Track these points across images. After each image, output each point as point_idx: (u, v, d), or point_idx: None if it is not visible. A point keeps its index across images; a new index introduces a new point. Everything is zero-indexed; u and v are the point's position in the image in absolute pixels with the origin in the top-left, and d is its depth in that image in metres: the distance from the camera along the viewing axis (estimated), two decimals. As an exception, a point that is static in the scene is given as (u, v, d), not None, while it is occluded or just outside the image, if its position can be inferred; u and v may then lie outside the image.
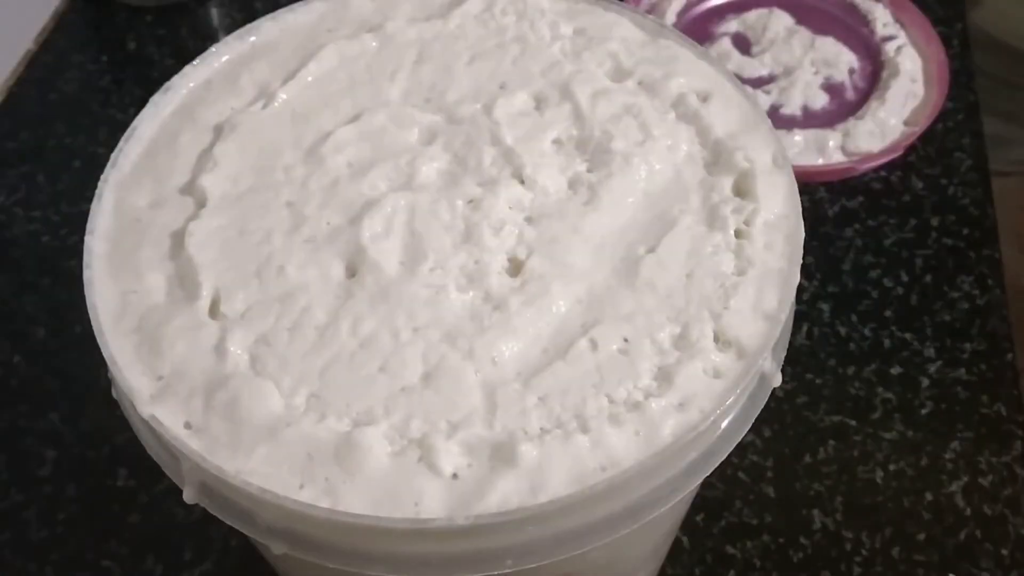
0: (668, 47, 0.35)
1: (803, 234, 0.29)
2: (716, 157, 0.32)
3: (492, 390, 0.27)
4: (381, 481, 0.25)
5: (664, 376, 0.27)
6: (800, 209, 0.30)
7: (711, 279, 0.29)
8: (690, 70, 0.34)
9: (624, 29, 0.35)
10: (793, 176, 0.31)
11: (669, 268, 0.29)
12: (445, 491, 0.25)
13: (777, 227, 0.30)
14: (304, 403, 0.27)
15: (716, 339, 0.28)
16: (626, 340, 0.28)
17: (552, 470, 0.25)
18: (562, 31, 0.35)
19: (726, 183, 0.31)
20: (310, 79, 0.34)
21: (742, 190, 0.31)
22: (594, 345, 0.28)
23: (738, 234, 0.30)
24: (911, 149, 0.54)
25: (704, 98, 0.33)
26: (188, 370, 0.27)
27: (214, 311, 0.29)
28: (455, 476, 0.25)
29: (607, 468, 0.26)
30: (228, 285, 0.29)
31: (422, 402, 0.27)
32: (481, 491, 0.25)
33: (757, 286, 0.29)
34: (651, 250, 0.29)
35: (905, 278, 0.51)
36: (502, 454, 0.26)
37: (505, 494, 0.25)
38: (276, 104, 0.33)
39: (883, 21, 0.58)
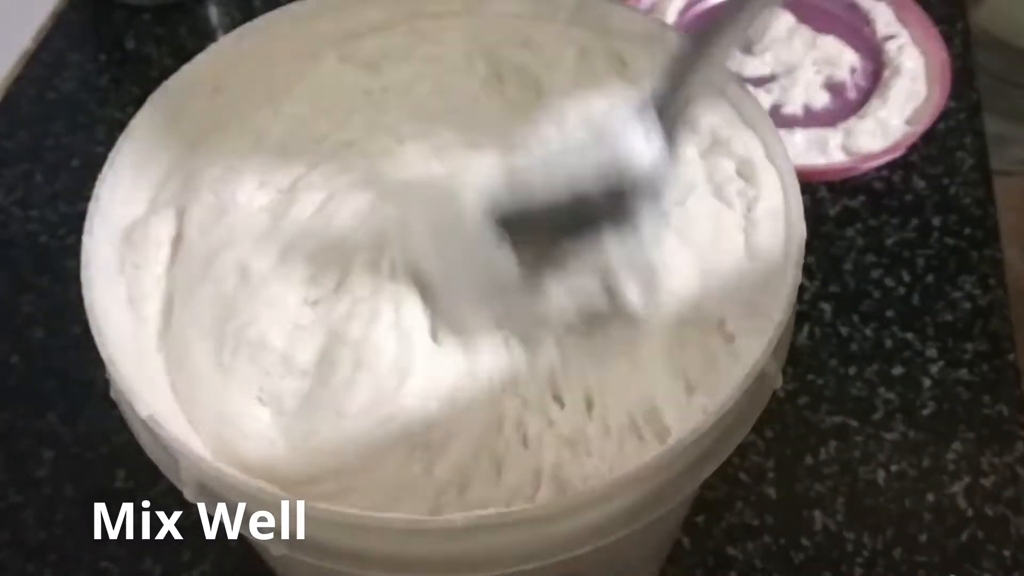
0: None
1: (804, 234, 0.29)
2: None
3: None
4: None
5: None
6: (802, 208, 0.30)
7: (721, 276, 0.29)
8: None
9: None
10: (795, 174, 0.31)
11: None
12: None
13: (776, 227, 0.30)
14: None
15: (719, 338, 0.28)
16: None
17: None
18: None
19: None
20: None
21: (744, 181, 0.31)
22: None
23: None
24: (912, 148, 0.54)
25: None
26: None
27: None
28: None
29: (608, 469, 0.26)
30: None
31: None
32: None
33: (756, 286, 0.29)
34: None
35: (907, 278, 0.51)
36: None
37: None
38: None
39: (884, 20, 0.58)
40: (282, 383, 0.28)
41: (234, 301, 0.29)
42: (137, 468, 0.44)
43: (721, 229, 0.30)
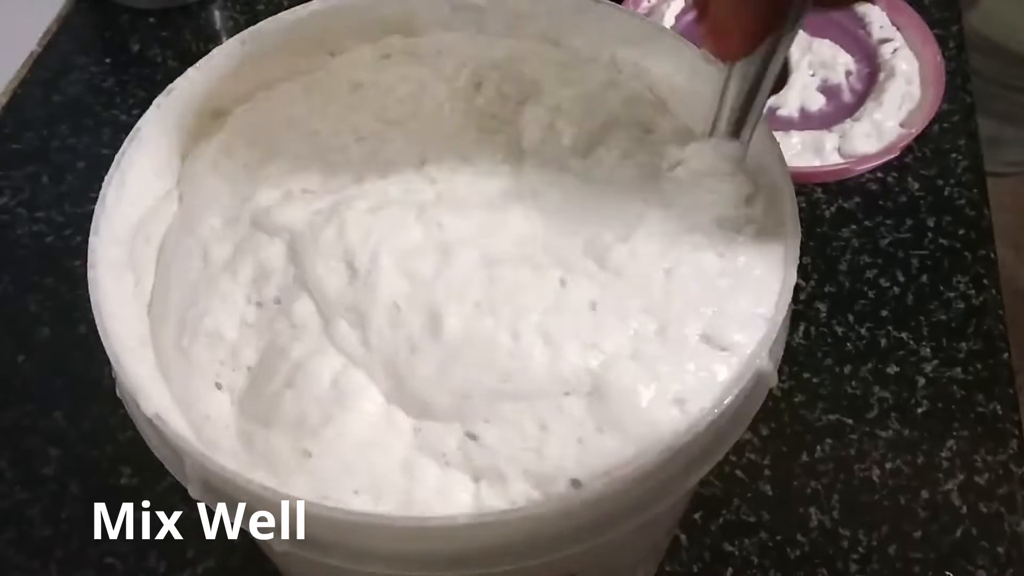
0: None
1: (800, 235, 0.30)
2: None
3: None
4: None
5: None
6: (797, 210, 0.30)
7: (712, 276, 0.29)
8: None
9: None
10: (790, 177, 0.31)
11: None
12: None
13: (774, 228, 0.30)
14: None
15: (713, 338, 0.28)
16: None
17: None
18: None
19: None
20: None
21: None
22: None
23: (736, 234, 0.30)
24: (907, 150, 0.55)
25: None
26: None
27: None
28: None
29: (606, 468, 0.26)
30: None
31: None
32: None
33: (754, 286, 0.29)
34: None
35: (901, 278, 0.51)
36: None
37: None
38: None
39: (879, 23, 0.58)
40: (234, 375, 0.28)
41: (196, 287, 0.30)
42: (142, 465, 0.44)
43: (690, 260, 0.30)
